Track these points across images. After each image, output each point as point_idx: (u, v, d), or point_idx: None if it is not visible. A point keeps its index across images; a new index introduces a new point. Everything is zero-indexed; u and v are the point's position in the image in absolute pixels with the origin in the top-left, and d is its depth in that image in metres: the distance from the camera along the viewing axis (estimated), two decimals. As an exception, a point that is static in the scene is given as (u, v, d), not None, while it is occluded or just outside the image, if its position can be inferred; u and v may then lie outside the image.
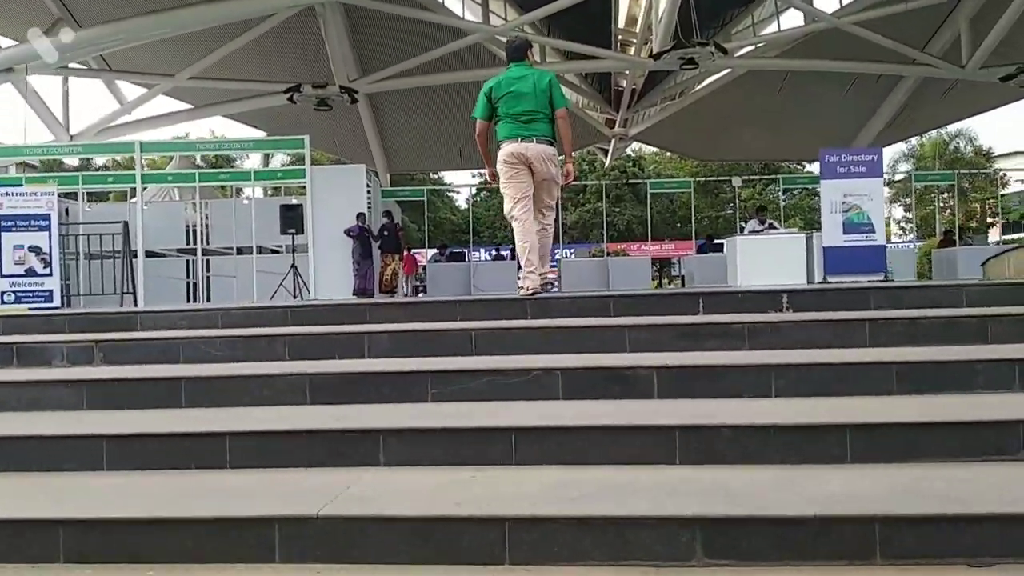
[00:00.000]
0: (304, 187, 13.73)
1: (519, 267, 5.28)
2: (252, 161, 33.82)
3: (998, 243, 23.57)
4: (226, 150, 13.51)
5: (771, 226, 11.04)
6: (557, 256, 35.09)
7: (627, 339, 3.89)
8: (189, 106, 19.65)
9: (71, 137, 16.58)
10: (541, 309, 4.54)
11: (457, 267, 16.62)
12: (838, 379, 3.26)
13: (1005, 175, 37.73)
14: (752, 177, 34.17)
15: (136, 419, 3.24)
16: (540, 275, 5.06)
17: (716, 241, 17.78)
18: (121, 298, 10.80)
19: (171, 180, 14.18)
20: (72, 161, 27.78)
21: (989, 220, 39.26)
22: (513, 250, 5.62)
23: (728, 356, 3.59)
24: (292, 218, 13.76)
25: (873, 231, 10.76)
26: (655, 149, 45.20)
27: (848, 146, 21.43)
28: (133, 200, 16.79)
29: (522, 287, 5.03)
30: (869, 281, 10.56)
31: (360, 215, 13.24)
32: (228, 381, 3.53)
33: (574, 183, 5.66)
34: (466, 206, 47.14)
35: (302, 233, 13.69)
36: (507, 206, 5.14)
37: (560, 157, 5.19)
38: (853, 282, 10.42)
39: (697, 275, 16.69)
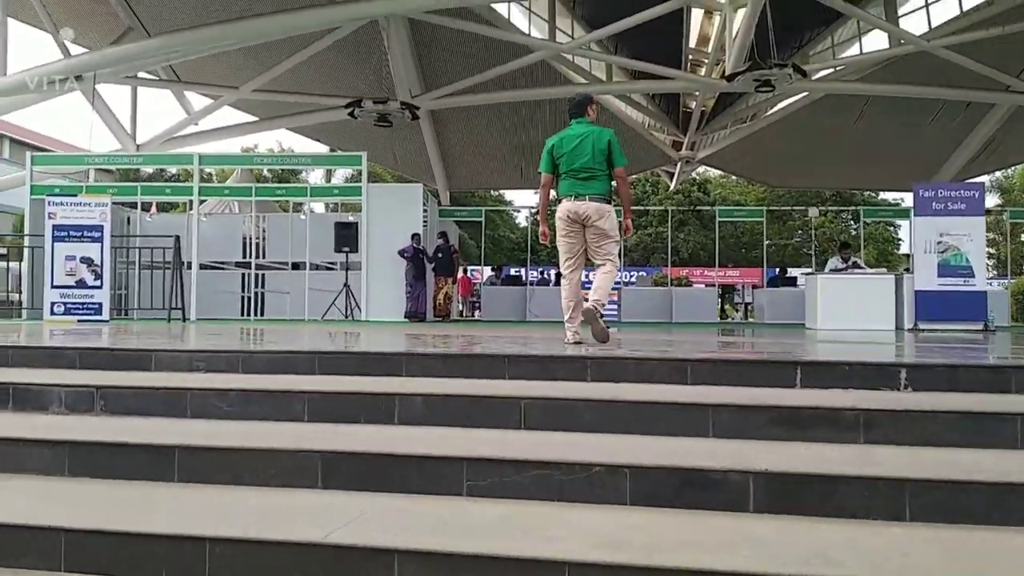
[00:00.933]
0: (360, 205, 13.37)
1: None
2: (316, 176, 34.13)
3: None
4: (284, 164, 13.27)
5: (855, 264, 10.07)
6: (618, 281, 34.50)
7: (710, 422, 3.18)
8: (254, 118, 19.73)
9: (137, 147, 16.73)
10: (603, 370, 3.86)
11: (513, 291, 16.04)
12: (994, 504, 2.49)
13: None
14: (830, 208, 32.61)
15: (112, 500, 2.70)
16: (597, 302, 5.08)
17: (788, 275, 16.81)
18: (169, 314, 10.54)
19: (228, 193, 14.05)
20: (148, 170, 28.55)
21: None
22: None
23: (841, 455, 2.85)
24: (347, 236, 13.44)
25: (972, 275, 9.74)
26: (721, 172, 44.05)
27: (930, 179, 20.13)
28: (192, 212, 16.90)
29: (568, 339, 5.17)
30: (966, 330, 9.53)
31: (415, 235, 12.79)
32: (228, 455, 2.96)
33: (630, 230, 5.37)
34: (525, 224, 46.87)
35: (356, 251, 13.34)
36: (561, 262, 5.31)
37: (618, 213, 5.27)
38: (949, 330, 9.43)
39: (768, 309, 15.71)
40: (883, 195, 41.74)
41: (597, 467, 2.68)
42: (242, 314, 15.76)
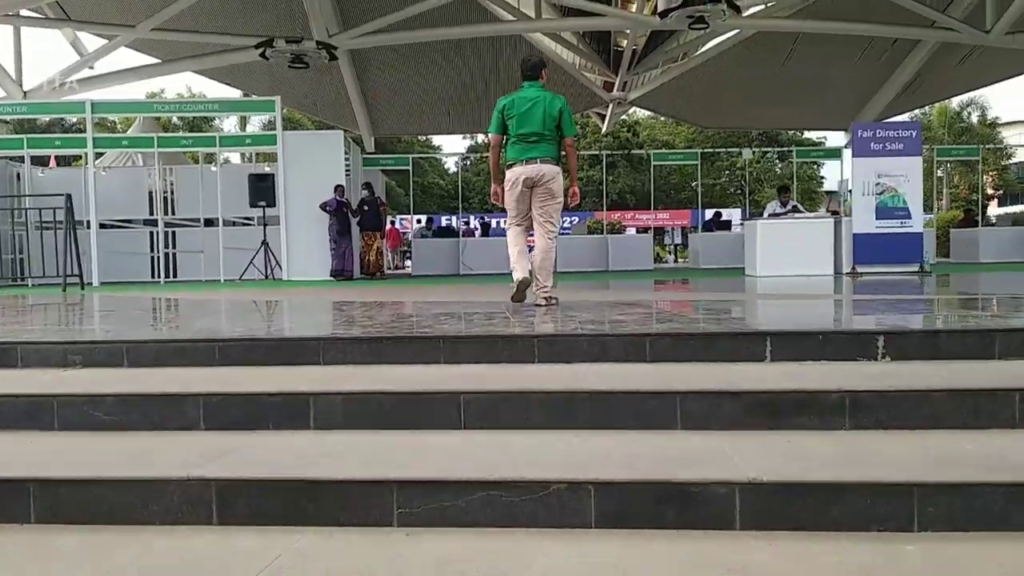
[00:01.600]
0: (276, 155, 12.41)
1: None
2: (231, 124, 32.04)
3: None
4: (187, 112, 12.13)
5: (795, 208, 9.89)
6: None
7: (678, 412, 2.77)
8: (156, 60, 18.11)
9: (24, 94, 15.09)
10: (553, 350, 3.40)
11: (445, 243, 15.40)
12: (1012, 499, 2.16)
13: (1010, 148, 36.64)
14: (764, 149, 32.72)
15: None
16: (544, 289, 5.24)
17: (723, 218, 16.72)
18: (64, 282, 9.54)
19: (127, 144, 12.80)
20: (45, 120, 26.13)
21: (990, 192, 38.34)
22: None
23: (831, 450, 2.48)
24: (262, 188, 12.51)
25: (909, 216, 9.70)
26: (650, 113, 43.82)
27: (856, 117, 20.30)
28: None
29: (514, 280, 5.31)
30: (903, 272, 9.53)
31: (338, 187, 11.98)
32: (100, 488, 2.37)
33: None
34: (455, 170, 45.71)
35: (274, 205, 12.43)
36: (508, 219, 5.41)
37: (565, 180, 5.37)
38: (886, 272, 9.40)
39: (704, 254, 15.61)
40: (807, 134, 42.49)
41: (556, 484, 2.23)
42: (152, 276, 14.66)
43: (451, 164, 47.63)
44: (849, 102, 21.19)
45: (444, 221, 38.23)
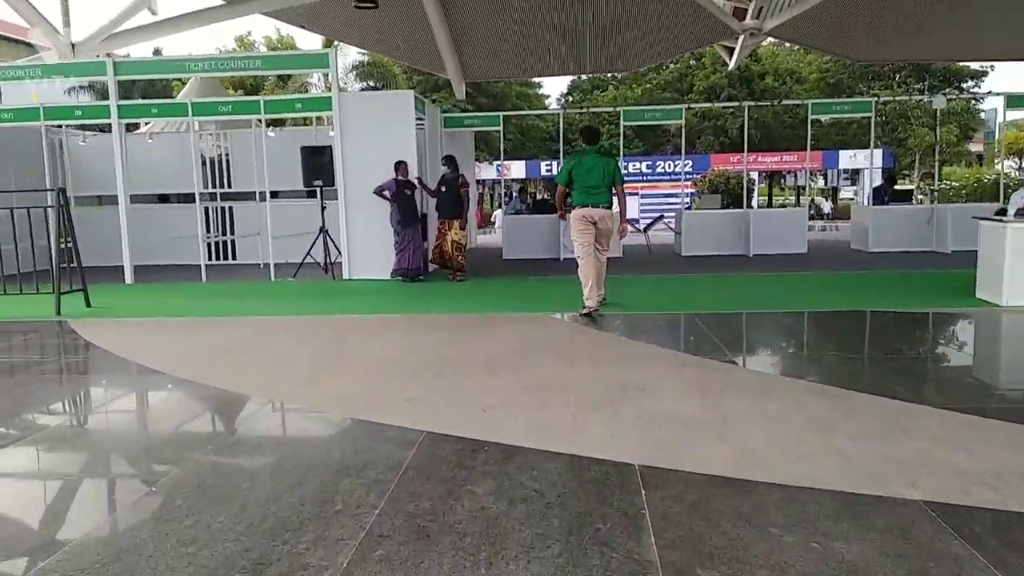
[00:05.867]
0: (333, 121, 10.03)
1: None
2: (318, 78, 29.35)
3: None
4: (225, 71, 9.93)
5: (1061, 205, 6.61)
6: (676, 205, 30.41)
7: None
8: (220, 2, 16.04)
9: (72, 46, 13.38)
10: None
11: (542, 221, 12.70)
12: None
13: None
14: (951, 96, 27.53)
15: None
16: (598, 295, 6.92)
17: (898, 187, 13.23)
18: (57, 302, 7.63)
19: (156, 112, 10.75)
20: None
21: None
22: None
23: None
24: (318, 164, 10.21)
25: None
26: (775, 40, 38.62)
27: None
28: (139, 131, 13.70)
29: (586, 306, 6.85)
30: None
31: (399, 164, 9.49)
32: None
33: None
34: (557, 108, 42.26)
35: (332, 184, 10.15)
36: (577, 251, 7.08)
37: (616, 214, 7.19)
38: None
39: (874, 234, 12.28)
40: (959, 66, 36.28)
41: None
42: (211, 258, 12.88)
43: (553, 103, 44.28)
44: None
45: (544, 169, 35.57)
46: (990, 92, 28.30)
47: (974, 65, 36.49)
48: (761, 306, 7.31)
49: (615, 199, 7.08)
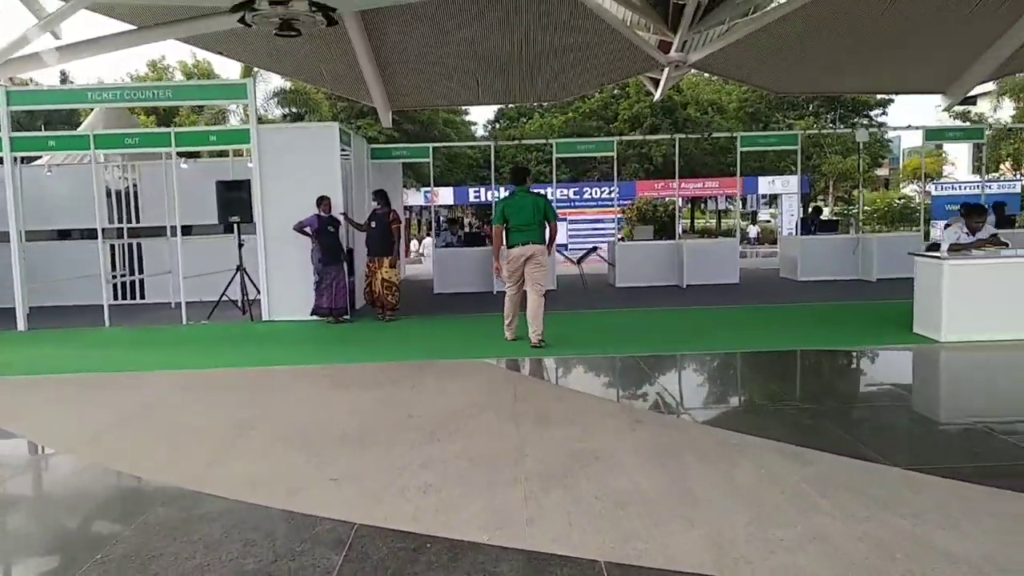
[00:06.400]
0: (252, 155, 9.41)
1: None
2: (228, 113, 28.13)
3: None
4: (134, 101, 9.19)
5: (993, 239, 6.65)
6: (603, 229, 30.60)
7: None
8: (130, 27, 15.12)
9: (-40, 73, 12.26)
10: None
11: (476, 254, 12.33)
12: None
13: None
14: (872, 128, 28.64)
15: None
16: (536, 333, 7.20)
17: (824, 217, 13.48)
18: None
19: (54, 145, 9.87)
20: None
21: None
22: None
23: None
24: (234, 200, 9.55)
25: None
26: (694, 71, 39.76)
27: (959, 78, 16.69)
28: (38, 163, 12.68)
29: (508, 336, 7.52)
30: None
31: (322, 200, 8.97)
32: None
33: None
34: (484, 133, 42.25)
35: (250, 220, 9.52)
36: (506, 283, 7.56)
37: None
38: None
39: (803, 263, 12.43)
40: (864, 97, 38.21)
41: None
42: (117, 298, 11.94)
43: (480, 130, 44.25)
44: (954, 61, 17.44)
45: (472, 195, 35.30)
46: (909, 126, 29.75)
47: (878, 96, 38.47)
48: (703, 346, 7.11)
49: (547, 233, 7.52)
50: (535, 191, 7.69)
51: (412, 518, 3.15)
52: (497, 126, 43.11)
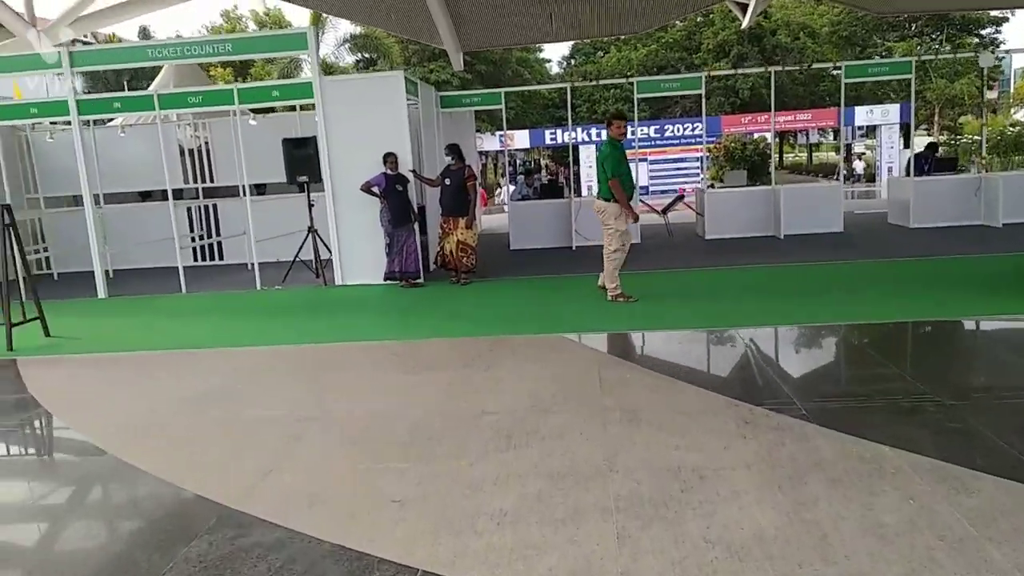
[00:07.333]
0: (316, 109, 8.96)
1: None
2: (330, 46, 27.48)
3: None
4: (191, 57, 8.78)
5: None
6: (686, 170, 29.13)
7: None
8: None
9: (38, 32, 12.26)
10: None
11: (551, 207, 11.67)
12: None
13: None
14: (997, 52, 25.90)
15: None
16: (612, 290, 7.21)
17: (940, 155, 12.04)
18: (9, 335, 6.69)
19: (119, 107, 9.65)
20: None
21: None
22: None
23: None
24: (301, 158, 9.19)
25: None
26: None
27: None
28: (112, 123, 12.67)
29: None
30: None
31: (388, 156, 8.47)
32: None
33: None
34: (560, 72, 40.64)
35: (318, 180, 9.15)
36: None
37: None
38: None
39: (916, 209, 11.21)
40: (976, 15, 34.42)
41: None
42: (196, 259, 11.97)
43: (554, 66, 42.68)
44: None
45: (548, 138, 34.18)
46: None
47: (992, 12, 34.75)
48: (812, 316, 6.31)
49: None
50: (609, 142, 7.17)
51: (483, 561, 2.67)
52: (572, 62, 41.42)
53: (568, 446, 3.69)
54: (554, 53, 52.76)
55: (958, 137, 33.70)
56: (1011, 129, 31.74)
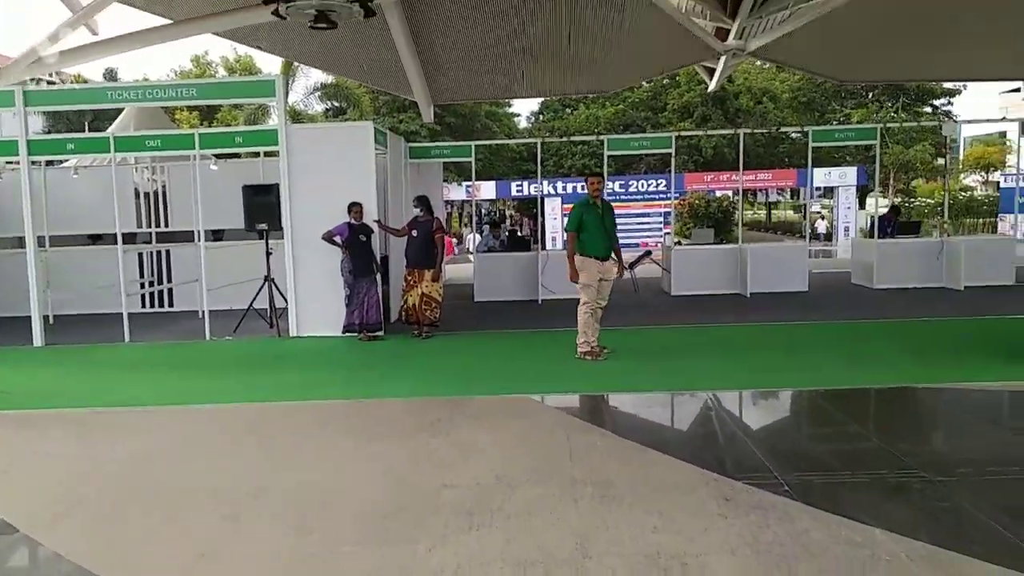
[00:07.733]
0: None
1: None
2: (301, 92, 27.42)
3: None
4: (153, 100, 8.54)
5: None
6: (650, 225, 29.47)
7: None
8: (165, 20, 14.62)
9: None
10: None
11: (518, 260, 11.50)
12: None
13: None
14: (957, 120, 26.88)
15: None
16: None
17: (902, 217, 12.25)
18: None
19: (72, 148, 9.29)
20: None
21: None
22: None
23: None
24: (262, 205, 8.88)
25: None
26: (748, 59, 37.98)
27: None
28: (65, 164, 12.25)
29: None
30: None
31: (352, 207, 8.24)
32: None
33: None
34: (528, 126, 41.12)
35: (278, 228, 8.84)
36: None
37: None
38: None
39: (879, 270, 11.28)
40: (930, 85, 35.92)
41: None
42: (145, 305, 11.46)
43: (523, 121, 43.27)
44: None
45: (515, 190, 34.33)
46: (1004, 118, 27.90)
47: (946, 84, 36.32)
48: (787, 380, 6.13)
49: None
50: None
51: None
52: (541, 117, 42.01)
53: (536, 527, 3.37)
54: (523, 108, 53.56)
55: (912, 200, 34.79)
56: (962, 194, 32.86)
